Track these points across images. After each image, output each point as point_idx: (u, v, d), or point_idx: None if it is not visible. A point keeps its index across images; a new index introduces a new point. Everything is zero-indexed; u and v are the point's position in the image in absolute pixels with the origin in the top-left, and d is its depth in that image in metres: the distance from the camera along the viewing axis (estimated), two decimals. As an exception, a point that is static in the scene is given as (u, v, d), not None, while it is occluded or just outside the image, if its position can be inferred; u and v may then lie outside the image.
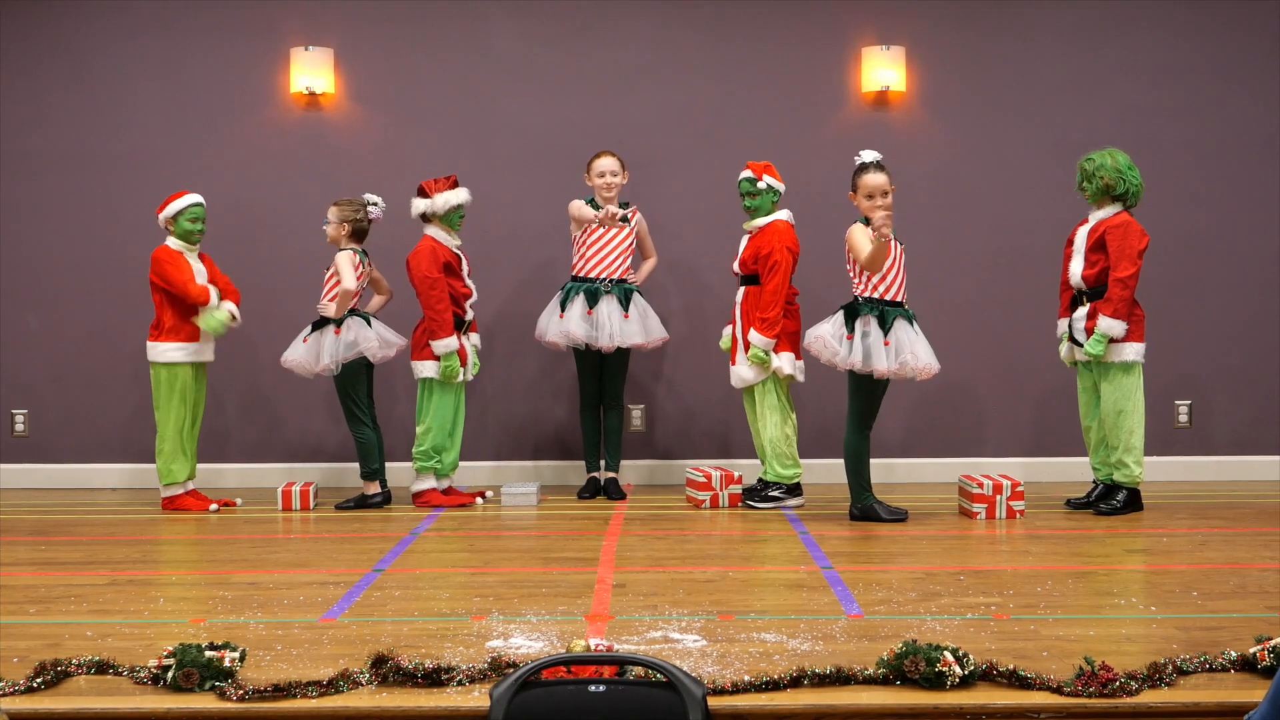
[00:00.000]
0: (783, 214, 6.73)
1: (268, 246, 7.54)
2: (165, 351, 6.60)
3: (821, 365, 6.39)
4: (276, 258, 7.52)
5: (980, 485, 6.34)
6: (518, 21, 7.67)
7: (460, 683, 3.50)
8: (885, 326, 6.01)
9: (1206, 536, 5.80)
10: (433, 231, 6.75)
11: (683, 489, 7.04)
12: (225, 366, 7.36)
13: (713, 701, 3.32)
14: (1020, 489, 6.35)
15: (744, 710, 3.36)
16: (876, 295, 6.07)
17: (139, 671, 3.57)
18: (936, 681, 3.43)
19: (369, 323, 6.82)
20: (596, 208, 6.90)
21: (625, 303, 6.87)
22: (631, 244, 6.97)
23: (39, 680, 3.48)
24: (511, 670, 3.48)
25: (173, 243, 6.63)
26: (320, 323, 6.81)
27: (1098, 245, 6.25)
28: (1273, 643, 3.60)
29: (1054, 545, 5.66)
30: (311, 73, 7.54)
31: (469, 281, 6.87)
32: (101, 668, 3.61)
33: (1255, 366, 7.65)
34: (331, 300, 6.74)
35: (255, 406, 7.66)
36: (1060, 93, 7.62)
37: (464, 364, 6.80)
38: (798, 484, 6.71)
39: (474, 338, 6.96)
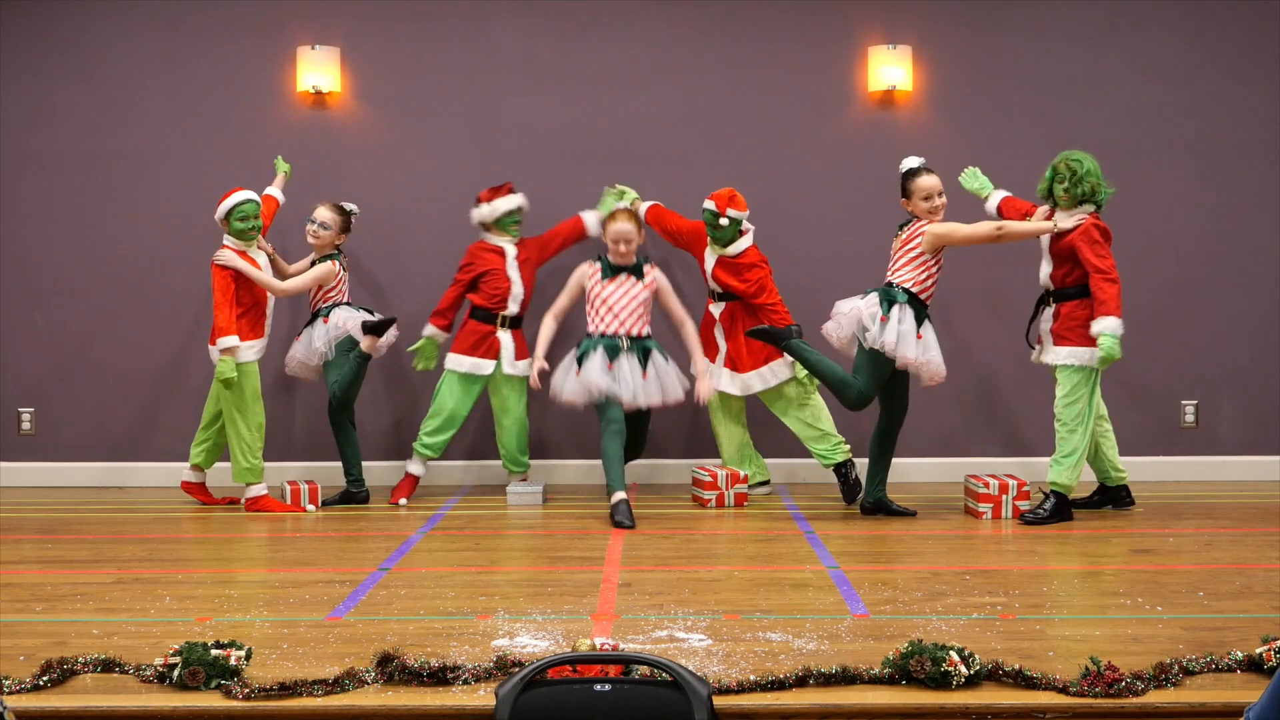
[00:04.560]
0: (748, 240, 6.86)
1: (272, 244, 7.54)
2: (242, 353, 6.58)
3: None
4: (281, 256, 7.52)
5: (986, 485, 6.34)
6: (524, 20, 7.67)
7: (466, 682, 3.50)
8: (918, 322, 6.15)
9: (1213, 537, 5.79)
10: (485, 235, 7.04)
11: (688, 488, 7.03)
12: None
13: (718, 701, 3.32)
14: (1026, 489, 6.34)
15: (749, 709, 3.36)
16: (915, 290, 6.18)
17: (145, 670, 3.57)
18: (942, 681, 3.43)
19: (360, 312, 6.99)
20: (609, 266, 6.75)
21: (644, 360, 6.72)
22: (646, 299, 6.77)
23: (45, 678, 3.49)
24: (517, 669, 3.49)
25: (231, 242, 6.63)
26: (311, 320, 6.99)
27: (1066, 249, 6.14)
28: (1279, 643, 3.60)
29: (1060, 545, 5.65)
30: (318, 71, 7.54)
31: (511, 274, 7.01)
32: (107, 666, 3.62)
33: (1262, 366, 7.63)
34: (328, 298, 6.94)
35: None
36: (1066, 92, 7.61)
37: (496, 356, 6.98)
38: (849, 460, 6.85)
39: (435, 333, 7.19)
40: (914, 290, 6.20)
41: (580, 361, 6.66)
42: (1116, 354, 6.05)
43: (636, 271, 6.77)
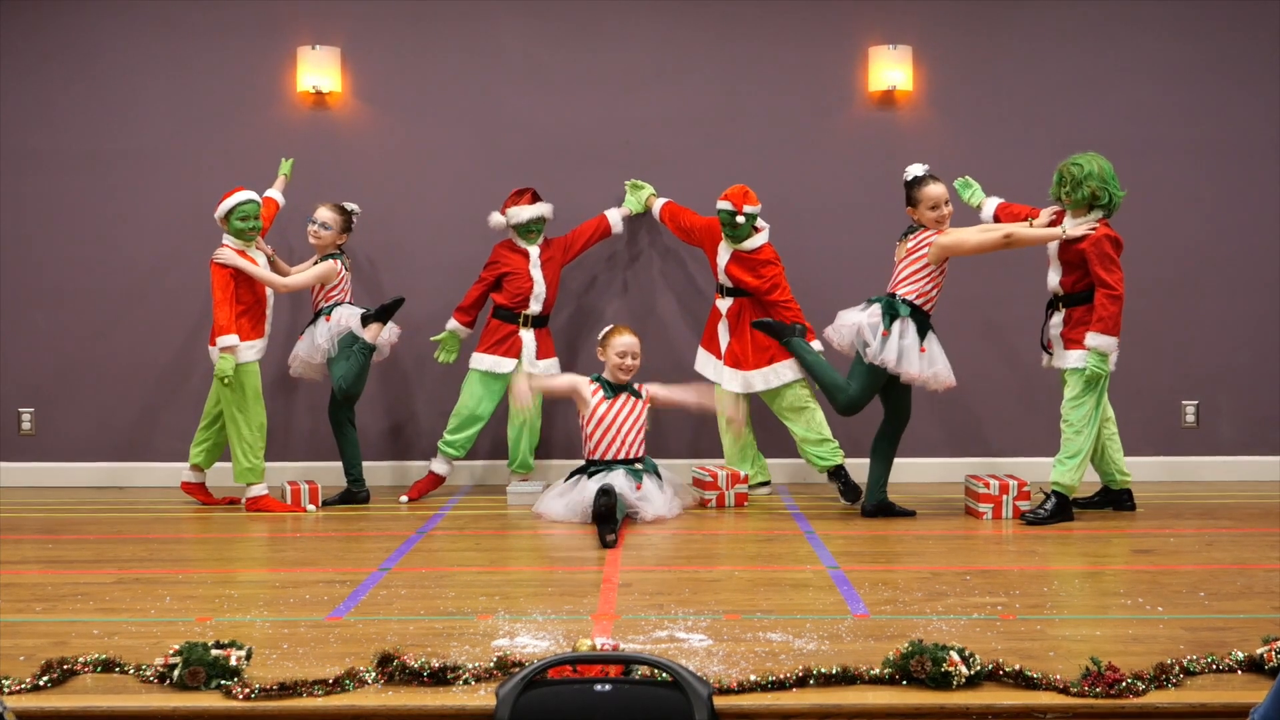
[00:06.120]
0: (763, 237, 6.89)
1: (273, 244, 7.53)
2: (243, 353, 6.58)
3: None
4: (281, 256, 7.51)
5: (986, 485, 6.34)
6: (524, 21, 7.67)
7: (466, 682, 3.50)
8: (921, 334, 6.14)
9: (1213, 537, 5.78)
10: (511, 236, 7.12)
11: (690, 488, 7.02)
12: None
13: (718, 701, 3.32)
14: (1026, 489, 6.34)
15: (749, 710, 3.36)
16: (919, 301, 6.19)
17: (145, 670, 3.57)
18: (943, 681, 3.42)
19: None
20: (609, 386, 6.52)
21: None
22: (642, 420, 6.55)
23: (45, 678, 3.49)
24: (517, 669, 3.49)
25: (230, 241, 6.62)
26: (313, 319, 7.00)
27: (1075, 256, 6.11)
28: (1280, 643, 3.60)
29: (1060, 545, 5.65)
30: (318, 72, 7.54)
31: (534, 274, 7.06)
32: (108, 666, 3.61)
33: (1262, 367, 7.64)
34: (330, 297, 6.96)
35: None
36: (1066, 92, 7.61)
37: (517, 355, 7.04)
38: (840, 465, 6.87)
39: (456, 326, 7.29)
40: (917, 302, 6.19)
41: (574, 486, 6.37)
42: (1103, 370, 6.05)
43: (633, 392, 6.56)
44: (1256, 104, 7.61)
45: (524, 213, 7.03)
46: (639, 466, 6.45)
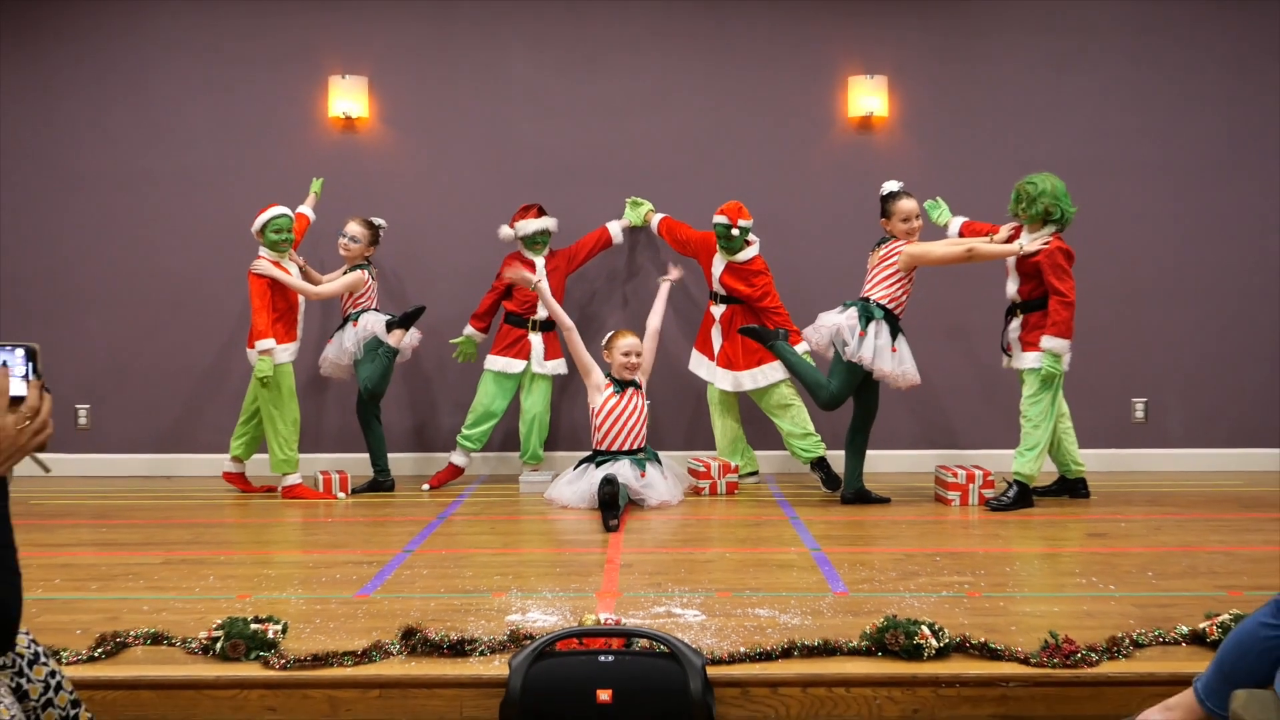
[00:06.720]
0: (755, 249, 6.90)
1: (305, 256, 7.54)
2: (278, 355, 6.57)
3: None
4: (313, 267, 7.52)
5: (955, 475, 6.34)
6: (535, 53, 7.68)
7: (482, 653, 3.51)
8: (892, 335, 6.14)
9: (1161, 522, 5.79)
10: (520, 248, 7.11)
11: (685, 477, 7.03)
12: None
13: (711, 671, 3.33)
14: (991, 478, 6.35)
15: (739, 679, 3.37)
16: (890, 305, 6.19)
17: (191, 642, 3.58)
18: (915, 653, 3.44)
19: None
20: (616, 383, 6.53)
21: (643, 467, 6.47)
22: (645, 413, 6.55)
23: (100, 650, 3.51)
24: (529, 642, 3.50)
25: (266, 253, 6.61)
26: (341, 324, 6.99)
27: (1031, 267, 6.09)
28: (1221, 618, 3.61)
29: (1021, 529, 5.66)
30: (348, 99, 7.55)
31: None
32: (157, 639, 3.63)
33: (1205, 367, 7.65)
34: (357, 304, 6.93)
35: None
36: (1029, 117, 7.62)
37: (527, 357, 7.03)
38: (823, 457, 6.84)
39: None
40: (889, 306, 6.19)
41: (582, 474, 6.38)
42: (1057, 370, 6.04)
43: (636, 388, 6.56)
44: (1203, 128, 7.61)
45: (530, 226, 7.04)
46: (642, 456, 6.45)
